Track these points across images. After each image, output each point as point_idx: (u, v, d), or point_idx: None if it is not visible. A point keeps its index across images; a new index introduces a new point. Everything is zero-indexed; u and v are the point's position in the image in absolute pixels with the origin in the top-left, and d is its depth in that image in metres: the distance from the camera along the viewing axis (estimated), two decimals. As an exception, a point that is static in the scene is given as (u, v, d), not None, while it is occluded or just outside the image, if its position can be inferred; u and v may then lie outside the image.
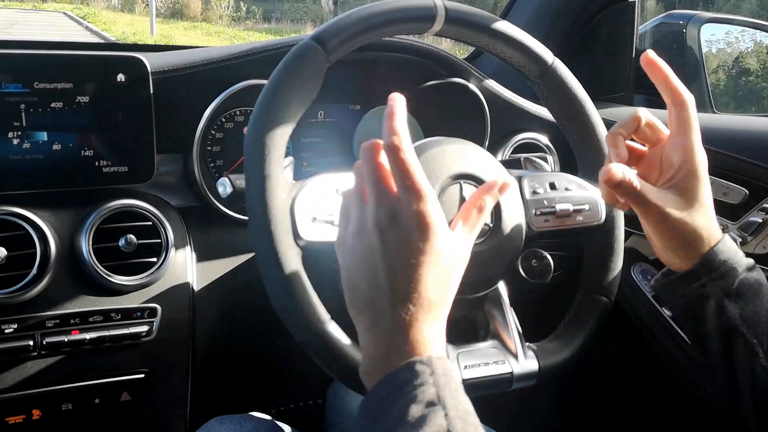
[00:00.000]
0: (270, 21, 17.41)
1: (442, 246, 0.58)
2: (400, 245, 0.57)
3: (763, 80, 1.82)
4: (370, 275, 0.58)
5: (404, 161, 0.59)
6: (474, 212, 0.64)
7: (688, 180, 0.71)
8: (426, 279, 0.57)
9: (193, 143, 0.92)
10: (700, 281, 0.71)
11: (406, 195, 0.58)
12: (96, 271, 0.83)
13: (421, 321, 0.57)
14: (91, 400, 0.85)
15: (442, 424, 0.51)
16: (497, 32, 0.79)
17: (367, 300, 0.59)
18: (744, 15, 1.69)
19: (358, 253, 0.59)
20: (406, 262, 0.57)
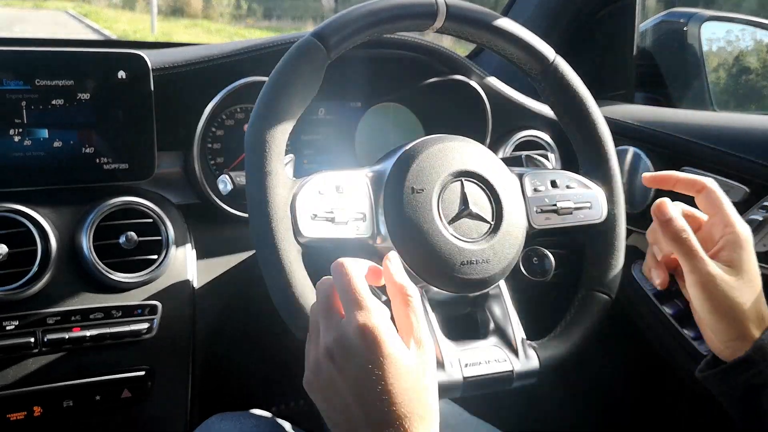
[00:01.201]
0: (271, 18, 17.39)
1: (396, 353, 0.54)
2: (356, 366, 0.54)
3: (763, 79, 1.82)
4: (342, 408, 0.55)
5: (346, 274, 0.57)
6: (400, 301, 0.59)
7: (733, 250, 0.69)
8: (395, 394, 0.53)
9: (194, 140, 0.92)
10: (755, 368, 0.66)
11: (348, 310, 0.55)
12: (96, 269, 0.83)
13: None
14: (92, 397, 0.85)
15: None
16: (498, 29, 0.79)
17: (333, 424, 0.55)
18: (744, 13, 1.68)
19: (323, 391, 0.56)
20: (368, 382, 0.53)
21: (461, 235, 0.74)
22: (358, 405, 0.54)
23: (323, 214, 0.69)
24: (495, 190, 0.77)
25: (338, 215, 0.70)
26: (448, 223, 0.74)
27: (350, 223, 0.71)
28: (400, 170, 0.74)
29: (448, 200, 0.75)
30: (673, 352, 1.03)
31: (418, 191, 0.73)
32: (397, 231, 0.72)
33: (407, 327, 0.58)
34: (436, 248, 0.72)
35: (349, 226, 0.71)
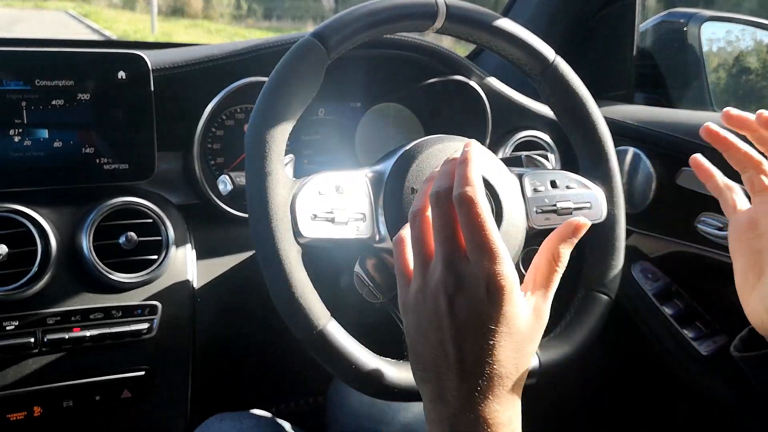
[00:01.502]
0: (271, 19, 17.40)
1: (516, 313, 0.52)
2: (469, 313, 0.51)
3: (763, 79, 1.82)
4: (436, 344, 0.52)
5: (478, 215, 0.52)
6: (548, 266, 0.56)
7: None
8: (498, 351, 0.51)
9: (194, 141, 0.93)
10: None
11: (476, 254, 0.51)
12: (96, 269, 0.83)
13: (492, 399, 0.51)
14: (92, 398, 0.85)
15: None
16: (498, 29, 0.79)
17: (431, 370, 0.53)
18: (745, 14, 1.67)
19: (422, 318, 0.53)
20: (476, 331, 0.51)
21: (461, 235, 0.74)
22: (454, 345, 0.51)
23: (323, 215, 0.69)
24: (495, 191, 0.77)
25: (338, 215, 0.70)
26: (448, 223, 0.74)
27: (350, 223, 0.71)
28: (400, 170, 0.74)
29: (448, 200, 0.75)
30: (673, 352, 1.03)
31: (417, 191, 0.73)
32: (397, 231, 0.72)
33: (541, 293, 0.56)
34: (436, 248, 0.72)
35: (349, 227, 0.71)
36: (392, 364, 0.70)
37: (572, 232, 0.57)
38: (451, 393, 0.51)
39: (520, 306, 0.52)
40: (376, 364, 0.68)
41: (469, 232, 0.52)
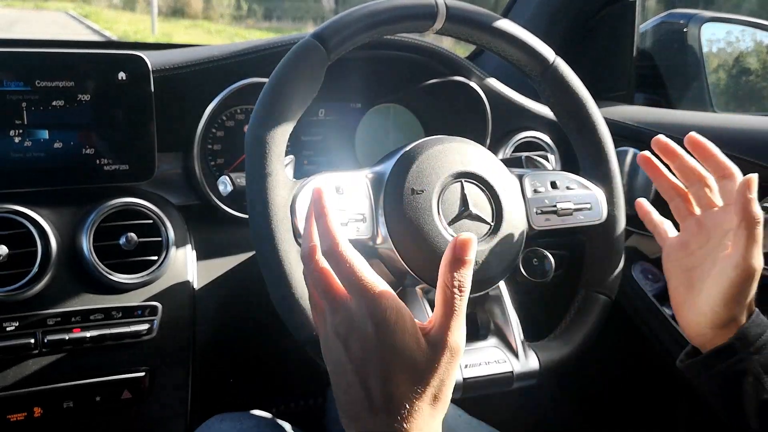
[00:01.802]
0: (271, 19, 17.39)
1: (406, 343, 0.52)
2: (363, 351, 0.52)
3: (763, 80, 1.82)
4: (346, 387, 0.54)
5: (347, 262, 0.54)
6: (443, 294, 0.54)
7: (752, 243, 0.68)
8: (399, 384, 0.52)
9: (194, 141, 0.93)
10: (736, 356, 0.68)
11: (357, 295, 0.53)
12: (97, 269, 0.83)
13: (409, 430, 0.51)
14: (92, 398, 0.85)
15: None
16: (498, 30, 0.79)
17: (349, 412, 0.54)
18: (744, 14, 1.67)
19: (330, 365, 0.56)
20: (375, 367, 0.52)
21: (461, 236, 0.74)
22: (363, 388, 0.52)
23: (323, 215, 0.69)
24: (495, 191, 0.77)
25: (338, 216, 0.70)
26: (448, 224, 0.74)
27: (350, 224, 0.71)
28: (400, 171, 0.74)
29: (448, 201, 0.75)
30: (672, 353, 1.03)
31: (418, 192, 0.73)
32: (397, 232, 0.72)
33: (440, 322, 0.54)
34: (436, 249, 0.72)
35: (348, 227, 0.71)
36: (392, 365, 0.70)
37: (460, 251, 0.55)
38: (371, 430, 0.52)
39: (409, 336, 0.53)
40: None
41: (345, 279, 0.54)
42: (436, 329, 0.54)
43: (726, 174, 0.73)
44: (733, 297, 0.68)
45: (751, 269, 0.67)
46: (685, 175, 0.77)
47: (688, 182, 0.77)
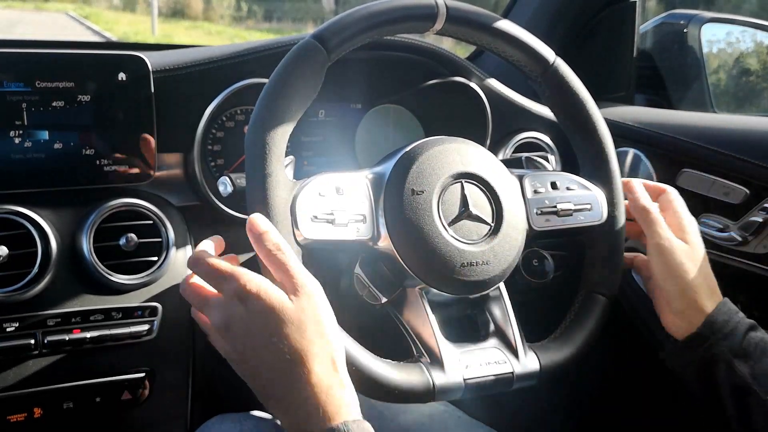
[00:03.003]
0: (271, 20, 17.40)
1: (273, 302, 0.60)
2: (243, 332, 0.60)
3: (763, 80, 1.82)
4: (252, 372, 0.61)
5: (204, 264, 0.65)
6: (272, 259, 0.63)
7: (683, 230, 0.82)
8: (284, 340, 0.58)
9: (194, 142, 0.92)
10: (707, 342, 0.75)
11: (221, 287, 0.62)
12: (97, 270, 0.83)
13: (312, 380, 0.58)
14: (92, 399, 0.85)
15: None
16: (499, 31, 0.79)
17: (259, 386, 0.61)
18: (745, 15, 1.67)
19: (231, 362, 0.64)
20: (256, 339, 0.60)
21: (461, 236, 0.74)
22: (252, 368, 0.60)
23: (323, 216, 0.69)
24: (495, 192, 0.77)
25: (338, 217, 0.70)
26: (448, 224, 0.74)
27: (350, 224, 0.71)
28: (401, 172, 0.74)
29: (448, 202, 0.75)
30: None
31: (418, 193, 0.73)
32: (397, 232, 0.72)
33: (287, 283, 0.62)
34: (436, 250, 0.72)
35: (349, 228, 0.71)
36: (392, 366, 0.70)
37: (254, 229, 0.64)
38: (287, 401, 0.58)
39: (273, 295, 0.60)
40: (376, 366, 0.68)
41: (208, 280, 0.65)
42: (288, 287, 0.61)
43: (659, 191, 0.86)
44: (672, 275, 0.78)
45: (660, 247, 0.79)
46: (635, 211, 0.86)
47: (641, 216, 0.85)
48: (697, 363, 0.76)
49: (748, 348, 0.74)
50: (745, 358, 0.73)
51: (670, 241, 0.79)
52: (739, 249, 0.98)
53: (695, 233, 0.82)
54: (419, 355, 0.74)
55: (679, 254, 0.79)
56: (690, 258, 0.79)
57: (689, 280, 0.78)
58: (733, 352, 0.74)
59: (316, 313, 0.61)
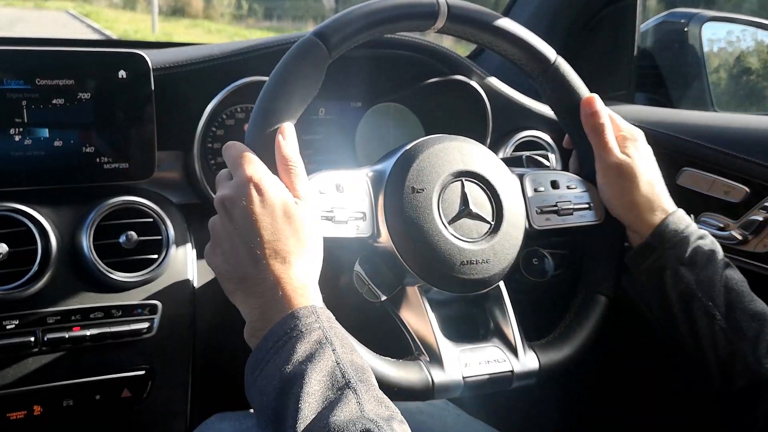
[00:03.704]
0: (271, 19, 17.39)
1: (280, 201, 0.63)
2: (241, 212, 0.63)
3: (764, 79, 1.82)
4: (230, 251, 0.63)
5: (230, 147, 0.68)
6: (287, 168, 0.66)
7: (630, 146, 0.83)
8: (277, 232, 0.62)
9: (194, 140, 0.92)
10: (656, 252, 0.79)
11: (234, 169, 0.66)
12: (97, 268, 0.83)
13: (287, 272, 0.61)
14: (92, 397, 0.85)
15: (331, 358, 0.55)
16: (499, 29, 0.79)
17: (233, 277, 0.63)
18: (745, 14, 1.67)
19: (215, 246, 0.65)
20: (252, 222, 0.62)
21: (461, 235, 0.74)
22: (243, 243, 0.62)
23: (323, 213, 0.70)
24: (495, 191, 0.77)
25: (338, 214, 0.70)
26: (448, 223, 0.74)
27: (350, 222, 0.71)
28: (401, 170, 0.74)
29: (449, 200, 0.75)
30: (673, 352, 1.03)
31: (418, 191, 0.73)
32: (397, 230, 0.72)
33: (291, 188, 0.65)
34: (436, 248, 0.72)
35: (349, 225, 0.71)
36: (391, 364, 0.70)
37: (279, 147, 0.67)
38: (253, 283, 0.62)
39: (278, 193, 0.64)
40: (375, 363, 0.68)
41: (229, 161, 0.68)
42: (291, 191, 0.65)
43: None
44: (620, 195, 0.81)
45: (605, 166, 0.81)
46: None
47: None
48: (647, 272, 0.80)
49: (695, 257, 0.77)
50: (692, 266, 0.77)
51: (614, 163, 0.81)
52: (739, 248, 0.98)
53: (642, 150, 0.84)
54: (418, 353, 0.74)
55: (622, 174, 0.80)
56: (634, 176, 0.80)
57: (633, 197, 0.80)
58: (680, 260, 0.77)
59: (309, 221, 0.65)
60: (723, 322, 0.75)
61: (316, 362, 0.54)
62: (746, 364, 0.74)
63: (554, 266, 0.87)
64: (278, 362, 0.55)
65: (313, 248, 0.65)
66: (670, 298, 0.78)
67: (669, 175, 1.06)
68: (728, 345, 0.75)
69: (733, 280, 0.77)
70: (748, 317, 0.75)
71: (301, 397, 0.52)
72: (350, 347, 0.58)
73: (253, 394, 0.58)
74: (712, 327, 0.76)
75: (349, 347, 0.58)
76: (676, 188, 1.04)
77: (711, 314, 0.76)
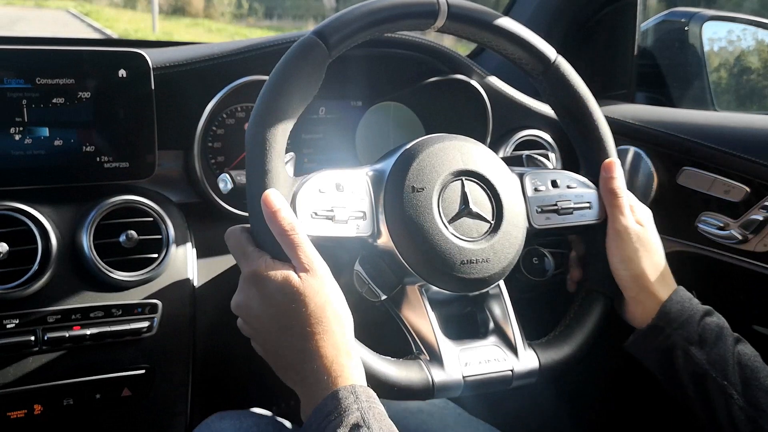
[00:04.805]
0: (272, 18, 17.39)
1: (283, 286, 0.63)
2: (253, 319, 0.66)
3: (764, 79, 1.81)
4: (268, 349, 0.66)
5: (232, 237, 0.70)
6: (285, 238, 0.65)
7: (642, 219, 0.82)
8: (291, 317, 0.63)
9: (195, 139, 0.92)
10: (664, 333, 0.77)
11: (241, 266, 0.68)
12: (97, 267, 0.83)
13: (319, 352, 0.62)
14: (92, 396, 0.85)
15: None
16: (500, 29, 0.78)
17: (279, 365, 0.66)
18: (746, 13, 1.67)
19: (251, 336, 0.69)
20: (262, 326, 0.65)
21: (461, 234, 0.74)
22: (264, 342, 0.66)
23: (323, 213, 0.69)
24: (495, 190, 0.77)
25: (338, 214, 0.70)
26: (449, 222, 0.74)
27: (350, 221, 0.71)
28: (401, 169, 0.74)
29: (449, 199, 0.75)
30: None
31: (418, 190, 0.73)
32: (397, 230, 0.72)
33: (296, 262, 0.65)
34: (436, 247, 0.72)
35: (349, 225, 0.71)
36: (391, 363, 0.70)
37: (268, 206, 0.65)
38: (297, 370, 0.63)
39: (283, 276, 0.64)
40: (375, 363, 0.68)
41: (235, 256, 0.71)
42: (299, 266, 0.64)
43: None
44: (620, 260, 0.80)
45: (618, 232, 0.81)
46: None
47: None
48: (656, 352, 0.78)
49: (704, 334, 0.76)
50: (701, 345, 0.76)
51: (627, 228, 0.80)
52: (739, 247, 0.97)
53: (651, 224, 0.84)
54: (418, 352, 0.74)
55: (635, 241, 0.80)
56: (645, 246, 0.80)
57: (642, 267, 0.79)
58: (689, 340, 0.76)
59: (324, 291, 0.64)
60: (741, 401, 0.73)
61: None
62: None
63: (554, 265, 0.87)
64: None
65: (335, 317, 0.64)
66: (682, 378, 0.76)
67: (669, 175, 1.06)
68: (750, 424, 0.72)
69: (746, 356, 0.75)
70: (767, 393, 0.73)
71: None
72: (388, 429, 0.59)
73: None
74: (730, 406, 0.73)
75: (388, 429, 0.58)
76: (677, 187, 1.04)
77: (728, 393, 0.73)
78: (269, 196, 0.65)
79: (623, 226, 0.80)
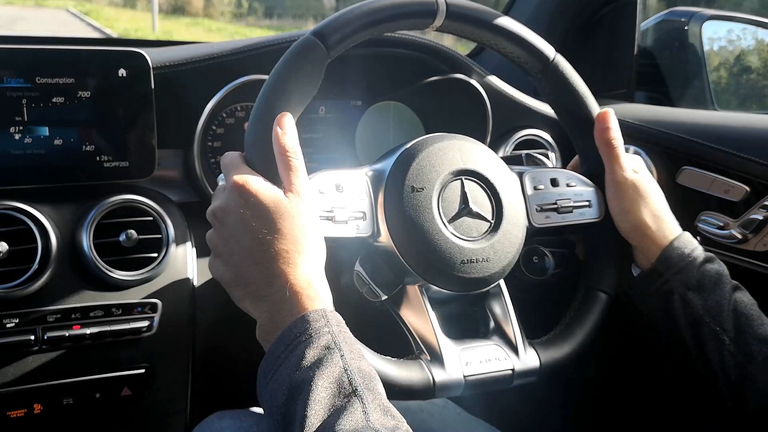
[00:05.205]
0: (271, 17, 17.39)
1: (271, 201, 0.62)
2: (232, 222, 0.63)
3: (764, 78, 1.82)
4: (229, 260, 0.63)
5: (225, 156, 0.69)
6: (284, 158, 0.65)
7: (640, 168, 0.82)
8: (274, 233, 0.61)
9: (194, 138, 0.92)
10: (663, 277, 0.78)
11: (226, 176, 0.66)
12: (97, 266, 0.83)
13: (292, 272, 0.61)
14: (92, 395, 0.85)
15: (339, 364, 0.55)
16: (499, 28, 0.78)
17: (239, 284, 0.63)
18: (746, 13, 1.67)
19: (215, 252, 0.66)
20: (246, 227, 0.62)
21: (461, 233, 0.74)
22: (240, 249, 0.62)
23: (323, 213, 0.69)
24: (495, 189, 0.77)
25: (338, 214, 0.70)
26: (448, 221, 0.74)
27: (350, 221, 0.71)
28: (401, 169, 0.74)
29: (448, 199, 0.75)
30: (673, 351, 1.03)
31: (418, 190, 0.73)
32: (397, 230, 0.72)
33: (287, 182, 0.65)
34: (436, 247, 0.72)
35: (349, 225, 0.71)
36: (392, 363, 0.70)
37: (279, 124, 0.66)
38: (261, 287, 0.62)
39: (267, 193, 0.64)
40: (376, 363, 0.68)
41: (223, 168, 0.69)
42: (288, 186, 0.64)
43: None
44: (620, 211, 0.81)
45: (616, 183, 0.80)
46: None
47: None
48: (655, 296, 0.79)
49: (702, 280, 0.77)
50: (699, 291, 0.76)
51: (625, 178, 0.80)
52: (739, 247, 0.98)
53: (645, 170, 0.84)
54: (419, 351, 0.74)
55: (632, 191, 0.80)
56: (642, 194, 0.80)
57: (641, 216, 0.79)
58: (687, 285, 0.77)
59: (308, 216, 0.64)
60: (732, 347, 0.74)
61: (324, 368, 0.54)
62: (757, 388, 0.73)
63: (554, 264, 0.87)
64: (288, 367, 0.56)
65: (313, 243, 0.64)
66: (679, 323, 0.77)
67: (669, 174, 1.06)
68: (738, 369, 0.74)
69: (742, 303, 0.76)
70: (758, 341, 0.74)
71: (308, 404, 0.52)
72: (358, 353, 0.58)
73: (264, 398, 0.58)
74: (721, 352, 0.75)
75: (358, 353, 0.58)
76: (676, 187, 1.04)
77: (720, 339, 0.75)
78: (284, 117, 0.66)
79: (621, 177, 0.80)
